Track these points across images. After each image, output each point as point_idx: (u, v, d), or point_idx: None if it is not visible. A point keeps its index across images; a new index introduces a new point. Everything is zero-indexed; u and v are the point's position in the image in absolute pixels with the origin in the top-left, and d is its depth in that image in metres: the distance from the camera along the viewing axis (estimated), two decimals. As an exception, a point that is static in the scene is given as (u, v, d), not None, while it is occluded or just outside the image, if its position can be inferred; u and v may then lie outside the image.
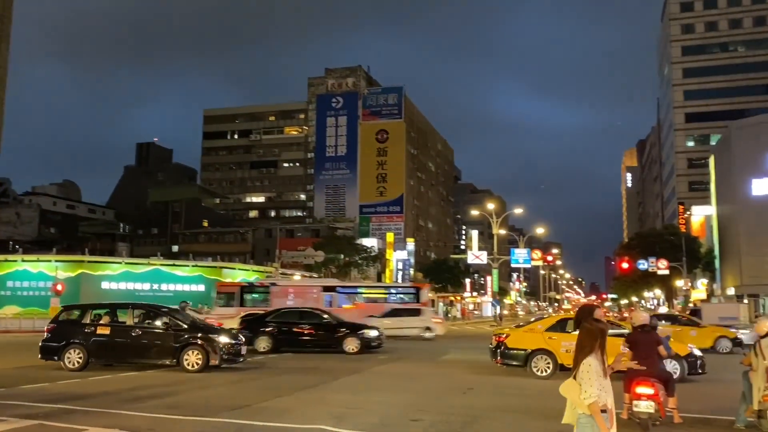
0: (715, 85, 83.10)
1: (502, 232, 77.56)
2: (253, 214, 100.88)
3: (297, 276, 51.03)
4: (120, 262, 44.15)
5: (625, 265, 61.15)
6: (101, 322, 15.65)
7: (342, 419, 9.30)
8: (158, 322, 15.47)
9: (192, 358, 14.76)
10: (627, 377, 8.81)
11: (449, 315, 77.95)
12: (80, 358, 14.98)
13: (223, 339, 15.30)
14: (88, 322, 15.65)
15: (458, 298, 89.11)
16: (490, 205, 56.09)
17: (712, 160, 63.37)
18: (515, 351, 14.94)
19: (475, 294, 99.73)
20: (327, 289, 35.05)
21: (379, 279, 74.67)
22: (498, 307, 56.08)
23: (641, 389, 8.39)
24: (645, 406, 8.30)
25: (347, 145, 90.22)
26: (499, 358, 15.19)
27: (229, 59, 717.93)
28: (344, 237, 66.68)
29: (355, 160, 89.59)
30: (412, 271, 79.45)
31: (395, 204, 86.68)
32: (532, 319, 20.28)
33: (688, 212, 73.69)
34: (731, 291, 55.92)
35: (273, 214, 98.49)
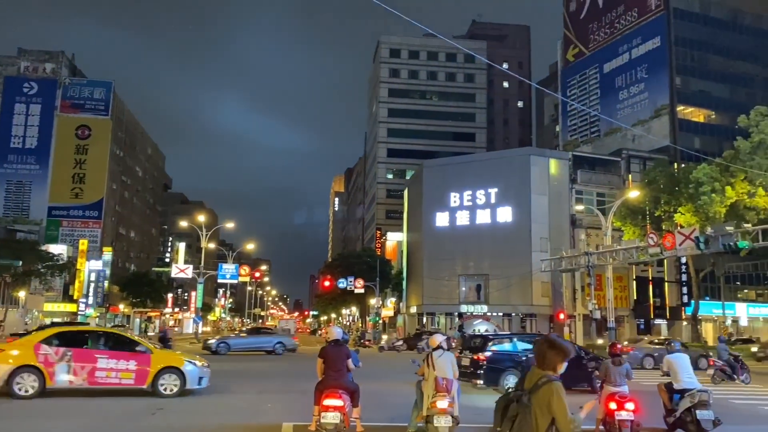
0: (414, 126, 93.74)
1: (212, 246, 75.77)
2: None
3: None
4: None
5: (327, 284, 64.59)
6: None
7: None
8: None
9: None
10: (317, 390, 9.01)
11: (147, 331, 73.11)
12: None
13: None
14: (518, 350, 17.18)
15: (158, 313, 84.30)
16: (201, 218, 54.42)
17: (406, 193, 70.90)
18: None
19: (177, 309, 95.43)
20: None
21: (66, 291, 66.83)
22: (200, 324, 54.34)
23: (329, 401, 8.62)
24: (332, 417, 8.54)
25: (39, 138, 79.40)
26: None
27: None
28: (26, 241, 58.01)
29: (48, 156, 79.24)
30: (106, 284, 72.76)
31: (93, 208, 78.74)
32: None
33: (384, 237, 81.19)
34: (414, 309, 62.79)
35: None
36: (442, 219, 57.91)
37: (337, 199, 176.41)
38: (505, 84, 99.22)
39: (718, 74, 65.53)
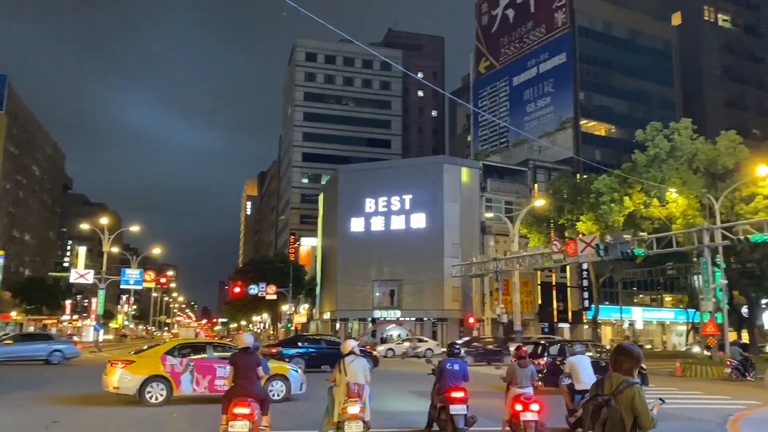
0: (329, 131, 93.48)
1: (115, 250, 72.36)
2: None
3: None
4: None
5: (237, 290, 63.13)
6: None
7: None
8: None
9: None
10: (226, 398, 8.75)
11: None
12: None
13: None
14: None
15: (55, 320, 79.50)
16: (104, 220, 51.86)
17: (321, 198, 70.50)
18: None
19: (76, 317, 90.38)
20: None
21: (-50, 297, 61.97)
22: (101, 332, 51.63)
23: (238, 410, 8.39)
24: (240, 426, 8.31)
25: None
26: None
27: None
28: None
29: (-68, 151, 73.31)
30: (-3, 289, 67.89)
31: (-17, 209, 73.46)
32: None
33: (298, 243, 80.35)
34: (327, 315, 62.45)
35: None
36: (357, 224, 57.99)
37: (249, 203, 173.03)
38: (420, 93, 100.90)
39: (618, 90, 69.50)
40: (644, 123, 41.07)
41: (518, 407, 9.60)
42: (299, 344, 26.23)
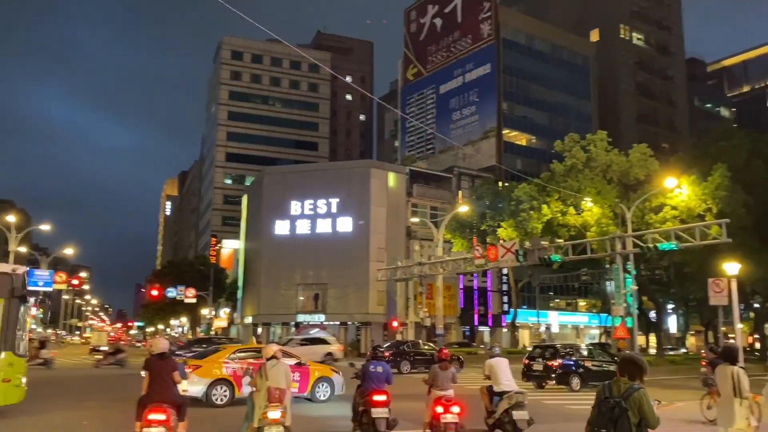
0: (255, 132, 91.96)
1: (23, 249, 68.38)
2: None
3: None
4: None
5: (154, 293, 61.04)
6: None
7: None
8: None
9: None
10: (139, 405, 8.42)
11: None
12: None
13: None
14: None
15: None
16: (11, 218, 48.88)
17: (245, 199, 69.13)
18: None
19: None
20: None
21: None
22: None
23: (153, 416, 8.12)
24: (155, 432, 8.05)
25: None
26: None
27: None
28: None
29: None
30: None
31: None
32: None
33: (220, 245, 78.49)
34: (249, 320, 61.29)
35: None
36: (282, 227, 57.20)
37: (169, 203, 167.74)
38: (348, 96, 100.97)
39: (539, 102, 72.06)
40: (563, 134, 42.66)
41: (439, 409, 9.71)
42: (403, 349, 30.82)
